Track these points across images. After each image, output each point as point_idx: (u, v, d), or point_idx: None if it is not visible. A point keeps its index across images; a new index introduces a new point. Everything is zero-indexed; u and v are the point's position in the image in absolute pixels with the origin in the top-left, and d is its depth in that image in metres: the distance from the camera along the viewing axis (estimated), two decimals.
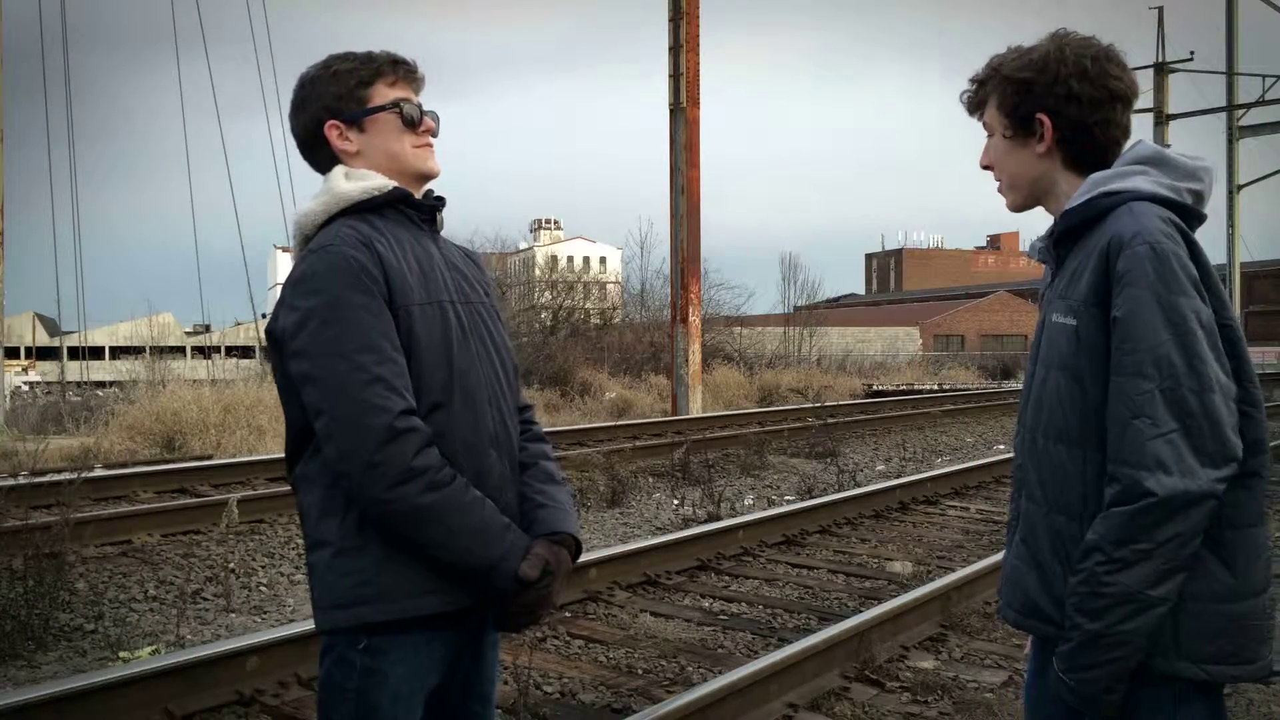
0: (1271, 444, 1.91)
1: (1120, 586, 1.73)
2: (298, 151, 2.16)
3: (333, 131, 2.08)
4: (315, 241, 2.00)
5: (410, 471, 1.88)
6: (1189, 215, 1.85)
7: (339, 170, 2.08)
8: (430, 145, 2.14)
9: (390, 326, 1.94)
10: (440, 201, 2.17)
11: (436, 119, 2.16)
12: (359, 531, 1.95)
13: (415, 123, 2.11)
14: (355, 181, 2.05)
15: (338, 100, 2.07)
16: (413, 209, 2.10)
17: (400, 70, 2.12)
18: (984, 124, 2.03)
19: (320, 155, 2.12)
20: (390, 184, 2.06)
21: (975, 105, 2.04)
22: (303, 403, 1.95)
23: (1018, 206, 2.04)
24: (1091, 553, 1.76)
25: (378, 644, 1.95)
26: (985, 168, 2.06)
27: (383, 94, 2.09)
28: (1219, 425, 1.71)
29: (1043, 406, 1.92)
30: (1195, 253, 1.78)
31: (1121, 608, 1.73)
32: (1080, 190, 1.91)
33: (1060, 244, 1.95)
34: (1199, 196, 1.88)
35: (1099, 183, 1.88)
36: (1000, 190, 2.05)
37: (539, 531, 2.09)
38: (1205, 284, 1.77)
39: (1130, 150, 1.93)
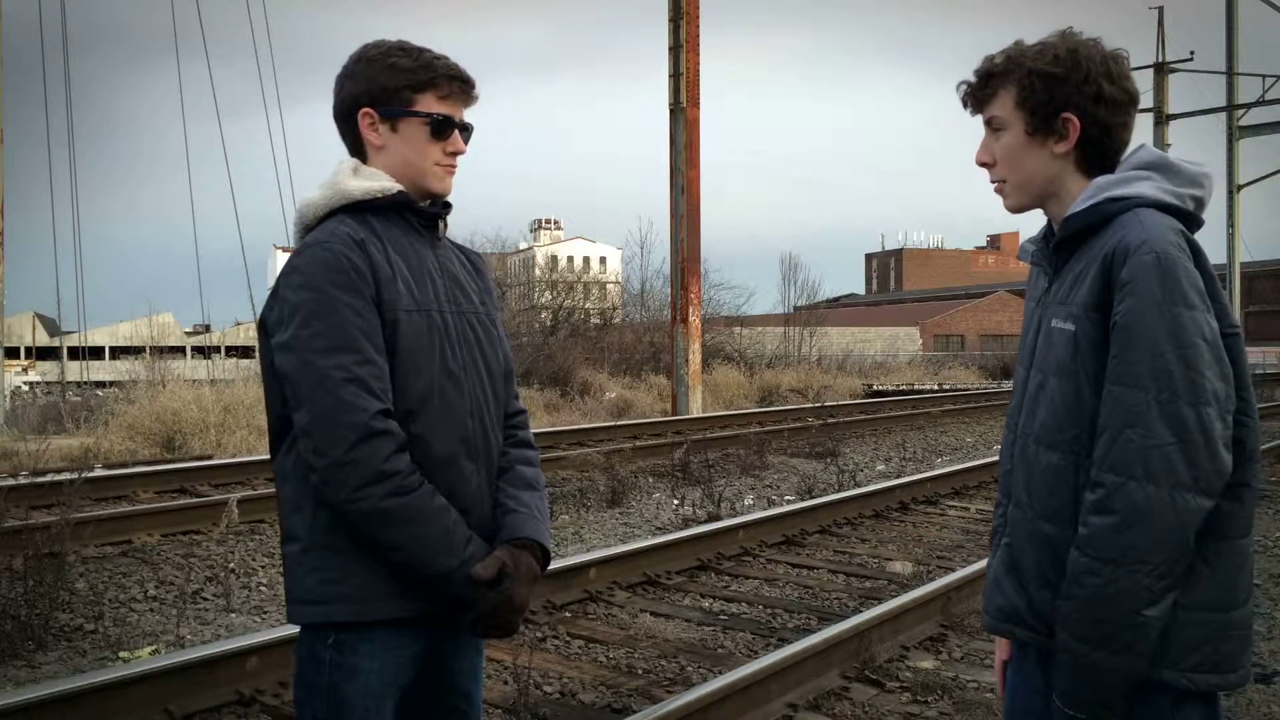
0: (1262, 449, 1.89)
1: (1118, 610, 1.70)
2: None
3: (365, 119, 2.07)
4: (311, 236, 2.01)
5: (380, 474, 1.88)
6: (1190, 221, 1.83)
7: (348, 165, 2.09)
8: (454, 167, 2.13)
9: (375, 328, 1.95)
10: (444, 209, 2.17)
11: (469, 136, 2.14)
12: (327, 530, 1.96)
13: (446, 141, 2.09)
14: (361, 180, 2.05)
15: (383, 92, 2.06)
16: (414, 214, 2.10)
17: (455, 85, 2.10)
18: (989, 119, 1.92)
19: (347, 133, 2.12)
20: (395, 187, 2.06)
21: (981, 99, 1.92)
22: (284, 394, 1.97)
23: (1020, 207, 1.95)
24: (1085, 575, 1.73)
25: (346, 639, 1.97)
26: (984, 165, 1.95)
27: (429, 104, 2.07)
28: (1213, 441, 1.68)
29: (1036, 412, 1.88)
30: (1200, 261, 1.76)
31: (1125, 633, 1.71)
32: (1084, 195, 1.86)
33: (1060, 249, 1.90)
34: (1199, 203, 1.86)
35: (1104, 188, 1.84)
36: (1000, 190, 1.95)
37: (504, 537, 2.08)
38: (1209, 291, 1.74)
39: (1133, 155, 1.89)
